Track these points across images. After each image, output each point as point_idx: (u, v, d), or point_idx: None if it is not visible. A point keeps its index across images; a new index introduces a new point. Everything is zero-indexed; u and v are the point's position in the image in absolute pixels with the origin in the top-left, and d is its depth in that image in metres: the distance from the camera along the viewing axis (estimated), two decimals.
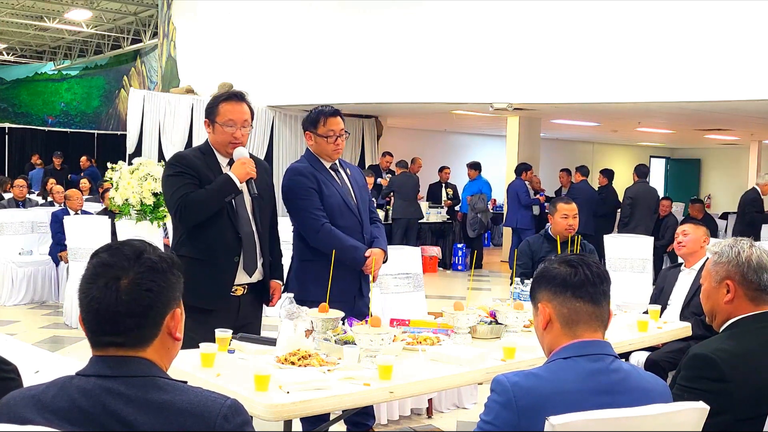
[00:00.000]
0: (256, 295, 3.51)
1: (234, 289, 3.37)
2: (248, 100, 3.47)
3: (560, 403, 1.77)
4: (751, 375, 2.09)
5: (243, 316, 3.38)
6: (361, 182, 3.96)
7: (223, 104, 3.38)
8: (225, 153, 3.41)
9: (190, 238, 3.35)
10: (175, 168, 3.35)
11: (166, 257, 1.60)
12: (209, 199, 3.27)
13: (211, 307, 3.26)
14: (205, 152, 3.43)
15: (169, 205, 3.37)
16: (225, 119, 3.35)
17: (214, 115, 3.38)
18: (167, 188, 3.37)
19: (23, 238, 8.52)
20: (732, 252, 2.31)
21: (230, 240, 3.34)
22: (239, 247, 3.36)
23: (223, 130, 3.36)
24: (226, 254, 3.34)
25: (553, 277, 1.96)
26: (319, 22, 11.07)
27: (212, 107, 3.40)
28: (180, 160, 3.39)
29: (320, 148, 3.78)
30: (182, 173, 3.32)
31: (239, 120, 3.36)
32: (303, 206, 3.71)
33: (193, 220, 3.30)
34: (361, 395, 2.53)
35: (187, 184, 3.29)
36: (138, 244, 1.59)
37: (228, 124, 3.35)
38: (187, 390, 1.53)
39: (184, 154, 3.50)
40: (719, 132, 15.03)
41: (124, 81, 23.26)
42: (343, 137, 3.78)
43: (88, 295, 1.53)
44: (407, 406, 4.56)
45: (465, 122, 14.28)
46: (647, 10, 8.35)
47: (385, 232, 3.96)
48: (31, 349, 3.61)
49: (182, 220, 3.30)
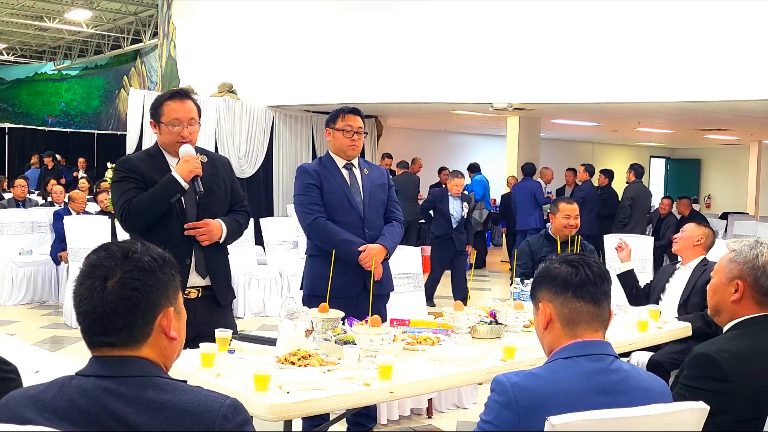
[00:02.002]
0: (210, 299, 3.33)
1: (187, 292, 3.23)
2: (193, 97, 3.40)
3: (560, 403, 1.77)
4: (753, 375, 2.09)
5: (203, 322, 3.11)
6: (379, 182, 3.99)
7: (168, 103, 3.30)
8: (174, 153, 3.32)
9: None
10: (118, 173, 3.28)
11: (157, 256, 1.59)
12: (153, 201, 3.19)
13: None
14: (153, 154, 3.35)
15: (115, 210, 3.29)
16: (170, 119, 3.28)
17: (159, 116, 3.30)
18: (113, 195, 3.32)
19: (23, 238, 8.53)
20: (750, 253, 2.29)
21: (178, 242, 3.20)
22: (190, 249, 3.26)
23: (169, 130, 3.28)
24: (176, 257, 3.24)
25: (554, 277, 1.96)
26: (319, 22, 11.07)
27: (156, 107, 3.32)
28: (123, 165, 3.30)
29: (337, 143, 3.88)
30: (125, 178, 3.24)
31: (185, 118, 3.29)
32: (299, 201, 3.86)
33: (138, 224, 3.20)
34: (361, 395, 2.53)
35: (131, 189, 3.21)
36: (127, 244, 1.59)
37: (173, 123, 3.28)
38: (186, 390, 1.52)
39: (128, 157, 3.42)
40: (719, 132, 15.03)
41: (124, 81, 23.26)
42: (360, 135, 3.87)
43: (77, 296, 1.54)
44: (407, 406, 4.56)
45: (465, 122, 14.28)
46: (647, 10, 8.35)
47: (399, 232, 3.96)
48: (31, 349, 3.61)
49: (128, 225, 3.22)
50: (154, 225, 3.22)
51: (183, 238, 3.25)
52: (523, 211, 11.04)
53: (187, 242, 3.26)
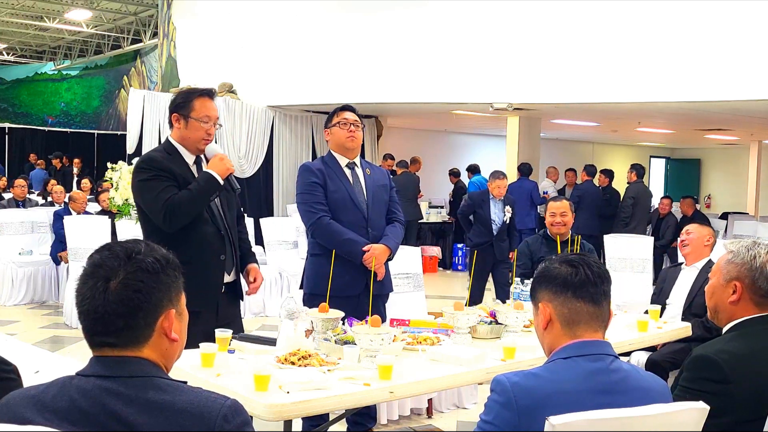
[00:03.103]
0: (233, 294, 3.48)
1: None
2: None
3: (560, 403, 1.77)
4: (753, 377, 2.09)
5: (223, 316, 3.33)
6: (381, 182, 4.00)
7: (199, 99, 3.33)
8: (193, 149, 3.35)
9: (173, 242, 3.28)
10: (149, 172, 3.27)
11: (161, 258, 1.59)
12: (195, 199, 3.22)
13: (199, 308, 3.22)
14: (170, 151, 3.35)
15: (152, 211, 3.26)
16: (201, 115, 3.31)
17: (189, 110, 3.32)
18: (146, 193, 3.27)
19: (23, 238, 8.53)
20: (748, 255, 2.28)
21: (214, 239, 3.31)
22: (223, 246, 3.34)
23: (198, 126, 3.31)
24: (212, 254, 3.31)
25: (554, 277, 1.96)
26: (319, 22, 11.07)
27: (185, 102, 3.33)
28: (151, 163, 3.31)
29: (336, 138, 3.89)
30: (157, 176, 3.25)
31: (213, 117, 3.35)
32: (303, 200, 3.84)
33: (181, 222, 3.24)
34: (361, 395, 2.53)
35: (167, 187, 3.22)
36: (131, 245, 1.59)
37: (204, 119, 3.31)
38: (186, 390, 1.53)
39: (153, 156, 3.39)
40: (719, 132, 15.03)
41: (124, 81, 23.26)
42: (358, 127, 3.88)
43: (80, 295, 1.55)
44: (407, 406, 4.56)
45: (465, 122, 14.28)
46: (647, 10, 8.35)
47: (401, 233, 3.97)
48: (31, 349, 3.61)
49: (172, 224, 3.22)
50: (190, 223, 3.27)
51: (217, 236, 3.33)
52: (520, 211, 11.04)
53: (221, 239, 3.34)
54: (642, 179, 10.64)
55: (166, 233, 3.20)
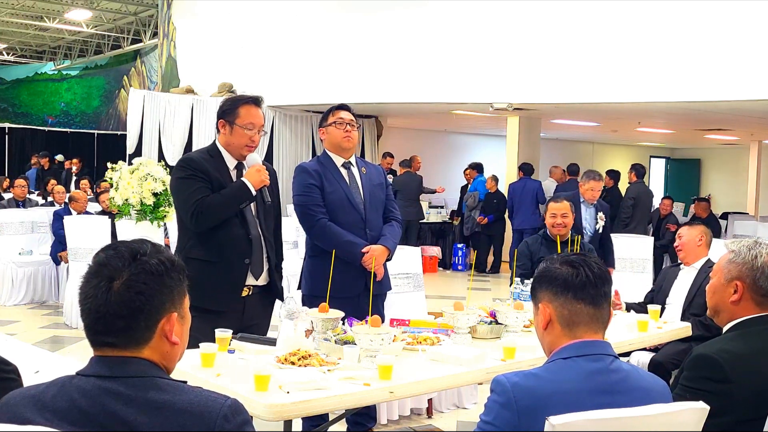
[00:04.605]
0: (263, 297, 3.51)
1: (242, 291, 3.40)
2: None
3: (560, 403, 1.77)
4: (753, 376, 2.09)
5: (248, 318, 3.40)
6: (378, 181, 3.99)
7: (244, 106, 3.40)
8: (236, 155, 3.43)
9: (201, 241, 3.36)
10: (186, 171, 3.36)
11: (166, 260, 1.58)
12: (225, 204, 3.30)
13: (221, 308, 3.29)
14: (213, 154, 3.43)
15: (182, 209, 3.37)
16: (246, 122, 3.38)
17: (234, 117, 3.38)
18: (180, 192, 3.38)
19: (23, 238, 8.52)
20: (749, 254, 2.28)
21: (241, 242, 3.36)
22: (250, 250, 3.38)
23: (242, 132, 3.38)
24: (237, 256, 3.36)
25: (555, 278, 1.96)
26: (319, 22, 11.07)
27: (232, 108, 3.40)
28: (190, 163, 3.39)
29: (331, 137, 3.87)
30: (193, 176, 3.33)
31: (258, 124, 3.42)
32: (301, 202, 3.82)
33: (208, 224, 3.32)
34: (361, 395, 2.53)
35: (200, 188, 3.30)
36: (137, 245, 1.58)
37: (248, 126, 3.38)
38: (187, 390, 1.53)
39: (193, 156, 3.49)
40: (719, 132, 15.03)
41: (124, 81, 23.27)
42: (353, 127, 3.87)
43: (83, 293, 1.55)
44: (407, 406, 4.56)
45: (465, 122, 14.28)
46: (647, 10, 8.35)
47: (399, 232, 3.97)
48: (31, 349, 3.61)
49: (198, 224, 3.31)
50: (219, 225, 3.33)
51: (244, 239, 3.37)
52: (525, 210, 11.06)
53: (248, 243, 3.38)
54: (642, 179, 10.64)
55: (196, 232, 3.32)
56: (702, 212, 10.95)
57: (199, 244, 3.35)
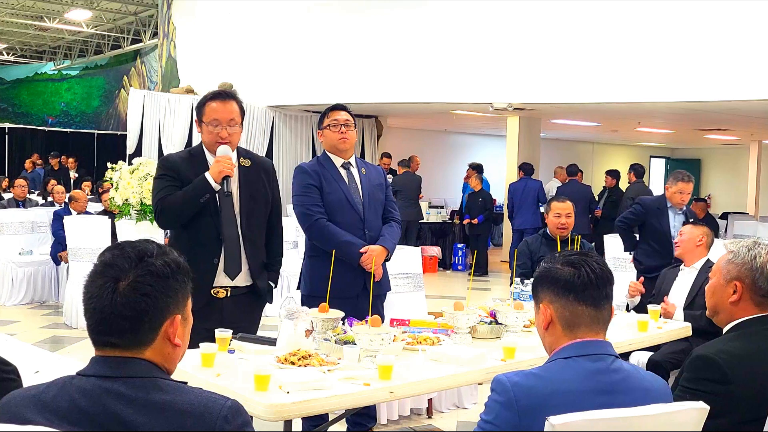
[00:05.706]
0: (246, 299, 3.41)
1: (215, 292, 3.31)
2: (238, 98, 3.43)
3: (561, 402, 1.77)
4: (753, 377, 2.09)
5: (230, 320, 3.22)
6: (377, 182, 3.97)
7: (209, 103, 3.36)
8: (214, 152, 3.36)
9: (176, 239, 3.39)
10: (159, 171, 3.39)
11: (171, 262, 1.58)
12: (184, 201, 3.25)
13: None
14: (195, 153, 3.42)
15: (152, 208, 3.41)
16: (210, 118, 3.33)
17: (201, 115, 3.37)
18: (152, 191, 3.42)
19: (23, 238, 8.52)
20: (748, 255, 2.28)
21: (210, 242, 3.29)
22: (219, 249, 3.30)
23: (209, 130, 3.34)
24: (204, 256, 3.28)
25: (556, 278, 1.95)
26: (319, 23, 11.07)
27: (199, 107, 3.39)
28: (164, 163, 3.41)
29: (328, 139, 3.87)
30: (163, 176, 3.33)
31: (224, 119, 3.33)
32: (300, 202, 3.82)
33: (171, 222, 3.32)
34: (361, 395, 2.53)
35: (166, 186, 3.28)
36: (143, 246, 1.58)
37: (213, 123, 3.33)
38: (187, 391, 1.53)
39: (169, 156, 3.51)
40: (719, 132, 15.03)
41: (124, 81, 23.26)
42: (349, 127, 3.86)
43: (87, 293, 1.54)
44: (407, 406, 4.56)
45: (465, 122, 14.28)
46: (647, 10, 8.35)
47: (398, 233, 3.96)
48: (31, 349, 3.60)
49: (160, 222, 3.34)
50: (187, 223, 3.30)
51: (214, 239, 3.31)
52: (526, 211, 11.03)
53: (218, 243, 3.31)
54: (642, 179, 10.63)
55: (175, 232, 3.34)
56: (699, 212, 10.96)
57: (174, 243, 3.36)
